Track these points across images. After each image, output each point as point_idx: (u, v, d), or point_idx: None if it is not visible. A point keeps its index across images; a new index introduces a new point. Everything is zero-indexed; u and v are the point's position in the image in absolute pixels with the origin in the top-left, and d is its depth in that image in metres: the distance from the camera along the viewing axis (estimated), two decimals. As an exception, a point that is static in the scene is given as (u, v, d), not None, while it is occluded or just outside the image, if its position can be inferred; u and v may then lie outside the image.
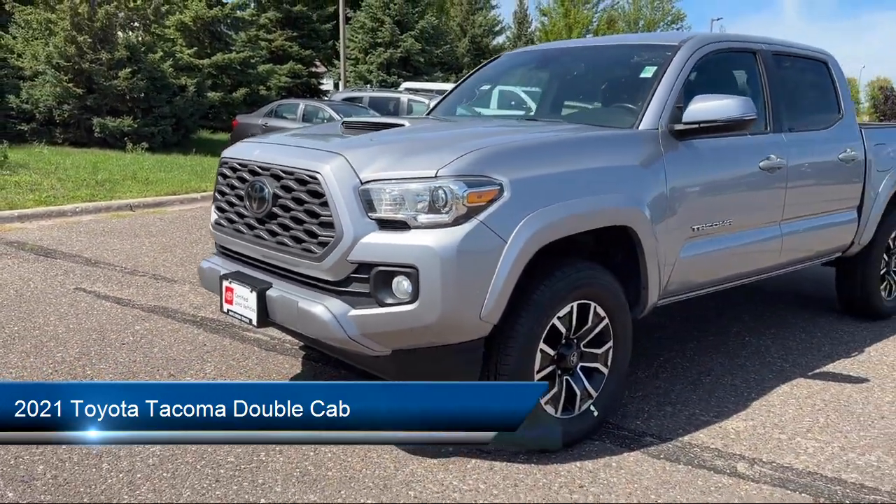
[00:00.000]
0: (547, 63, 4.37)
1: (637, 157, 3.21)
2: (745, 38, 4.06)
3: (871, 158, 4.64)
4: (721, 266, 3.69)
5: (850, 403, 3.64)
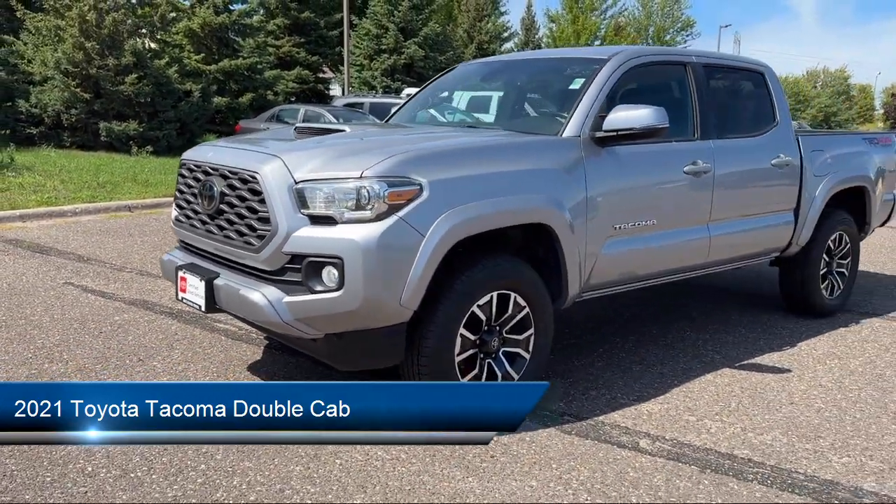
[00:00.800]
0: (493, 74, 4.70)
1: (558, 162, 3.52)
2: (675, 52, 4.37)
3: (806, 164, 4.92)
4: (644, 262, 3.98)
5: (766, 391, 3.92)
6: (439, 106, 4.64)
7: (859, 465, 3.09)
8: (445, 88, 4.80)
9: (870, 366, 4.34)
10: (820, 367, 4.32)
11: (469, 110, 4.48)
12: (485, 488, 2.81)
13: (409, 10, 25.20)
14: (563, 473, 2.94)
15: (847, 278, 5.50)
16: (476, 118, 4.34)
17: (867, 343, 4.80)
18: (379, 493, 2.75)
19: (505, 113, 4.34)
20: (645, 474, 2.96)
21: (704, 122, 4.27)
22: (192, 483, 2.78)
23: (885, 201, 5.89)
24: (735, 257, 4.64)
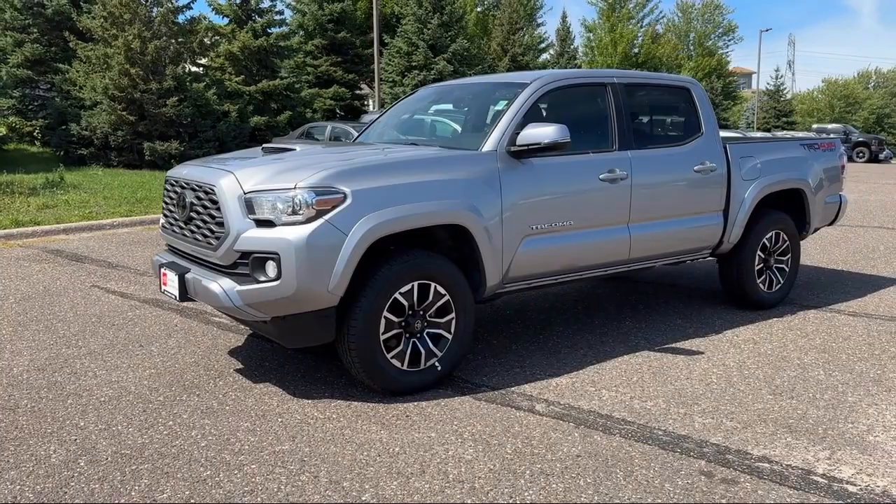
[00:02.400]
0: (442, 97, 5.38)
1: (475, 172, 4.17)
2: (595, 74, 4.98)
3: (734, 169, 5.46)
4: (563, 258, 4.59)
5: (671, 369, 4.48)
6: (395, 125, 5.33)
7: (717, 425, 3.64)
8: (403, 110, 5.50)
9: (780, 350, 4.85)
10: (733, 350, 4.85)
11: (417, 129, 5.16)
12: (391, 437, 3.48)
13: (438, 27, 26.05)
14: (460, 428, 3.59)
15: (787, 274, 5.97)
16: (420, 136, 5.02)
17: (790, 331, 5.29)
18: (305, 441, 3.44)
19: (445, 131, 5.01)
20: (528, 429, 3.58)
21: (622, 134, 4.86)
22: (159, 434, 3.52)
23: (829, 203, 6.35)
24: (661, 254, 5.20)
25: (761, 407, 3.88)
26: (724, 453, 3.33)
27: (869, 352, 4.80)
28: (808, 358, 4.67)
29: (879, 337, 5.13)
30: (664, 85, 5.41)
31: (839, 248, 8.95)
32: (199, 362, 4.54)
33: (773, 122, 51.44)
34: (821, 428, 3.61)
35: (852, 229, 10.56)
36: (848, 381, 4.27)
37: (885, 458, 3.27)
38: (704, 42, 57.41)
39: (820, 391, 4.10)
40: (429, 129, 5.08)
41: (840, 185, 6.47)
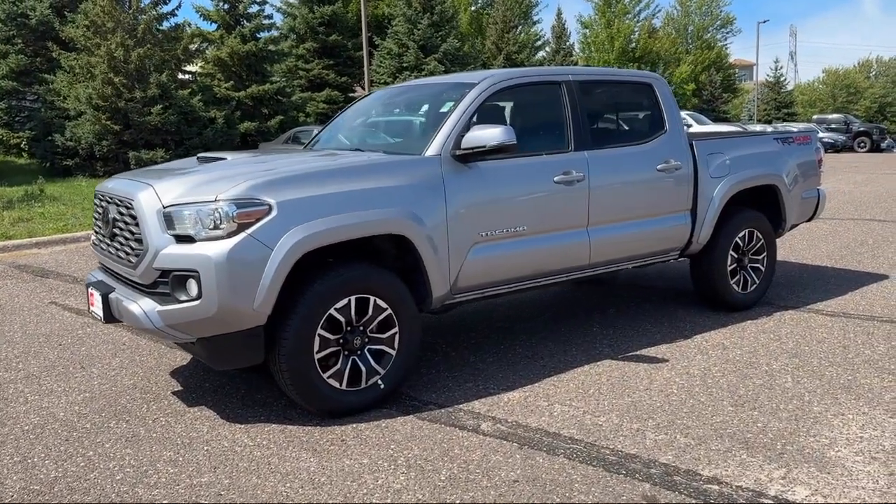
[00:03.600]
0: (392, 99, 5.17)
1: (417, 178, 3.96)
2: (549, 72, 4.76)
3: (701, 167, 5.23)
4: (516, 266, 4.37)
5: (631, 379, 4.26)
6: (344, 131, 5.12)
7: (669, 441, 3.42)
8: (354, 114, 5.29)
9: (749, 355, 4.62)
10: (699, 357, 4.62)
11: (365, 134, 4.95)
12: (320, 466, 3.27)
13: (429, 27, 25.84)
14: (395, 452, 3.38)
15: (763, 273, 5.74)
16: (367, 141, 4.81)
17: (763, 334, 5.06)
18: (226, 472, 3.23)
19: (390, 135, 4.80)
20: (467, 452, 3.36)
21: (579, 134, 4.64)
22: (76, 466, 3.31)
23: (806, 198, 6.11)
24: (626, 258, 4.98)
25: (720, 420, 3.65)
26: (672, 474, 3.11)
27: (842, 355, 4.57)
28: (778, 364, 4.45)
29: (855, 339, 4.90)
30: (624, 81, 5.19)
31: (826, 242, 8.71)
32: (138, 384, 4.35)
33: (774, 113, 51.07)
34: (780, 443, 3.38)
35: (842, 222, 10.32)
36: (816, 388, 4.04)
37: (843, 477, 3.05)
38: (703, 35, 57.00)
39: (784, 400, 3.88)
40: (376, 134, 4.87)
41: (818, 179, 6.24)
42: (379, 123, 5.02)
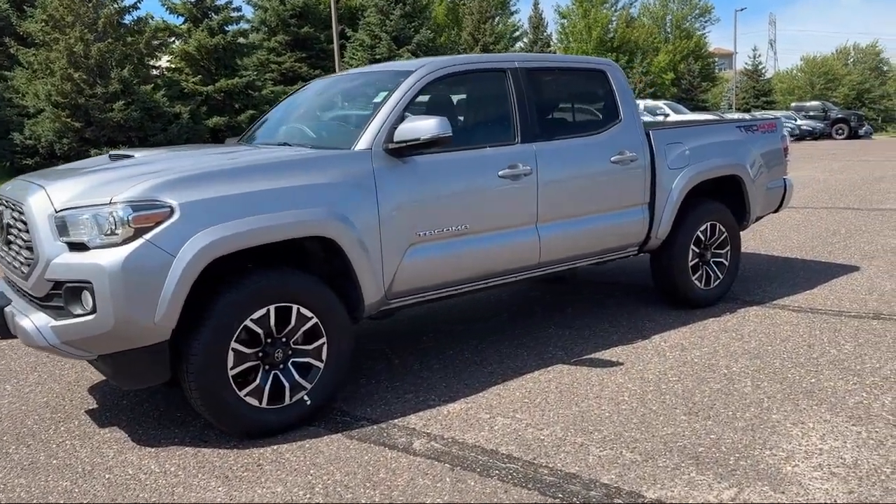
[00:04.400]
0: (328, 90, 4.84)
1: (345, 175, 3.65)
2: (494, 59, 4.45)
3: (659, 158, 4.96)
4: (459, 267, 4.07)
5: (582, 385, 3.98)
6: (276, 124, 4.79)
7: (614, 458, 3.14)
8: (289, 106, 4.96)
9: (709, 357, 4.36)
10: (656, 359, 4.35)
11: (296, 127, 4.62)
12: (229, 496, 2.96)
13: (401, 18, 25.45)
14: (315, 478, 3.07)
15: (727, 268, 5.49)
16: (297, 135, 4.48)
17: (725, 333, 4.80)
18: (128, 500, 2.92)
19: (322, 128, 4.48)
20: (394, 475, 3.07)
21: (526, 125, 4.34)
22: (-43, 500, 2.98)
23: (772, 188, 5.86)
24: (579, 255, 4.70)
25: (671, 432, 3.38)
26: (612, 497, 2.83)
27: (807, 355, 4.31)
28: (738, 366, 4.19)
29: (821, 336, 4.65)
30: (576, 68, 4.90)
31: (798, 232, 8.49)
32: (51, 403, 4.01)
33: (753, 102, 51.13)
34: (733, 457, 3.11)
35: (816, 211, 10.12)
36: (776, 393, 3.78)
37: (799, 497, 2.78)
38: (681, 24, 56.88)
39: (742, 408, 3.61)
40: (308, 128, 4.54)
41: (784, 168, 5.99)
42: (312, 116, 4.70)
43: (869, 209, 10.18)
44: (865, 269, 6.48)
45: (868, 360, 4.19)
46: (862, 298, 5.49)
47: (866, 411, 3.51)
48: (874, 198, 11.35)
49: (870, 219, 9.27)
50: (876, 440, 3.21)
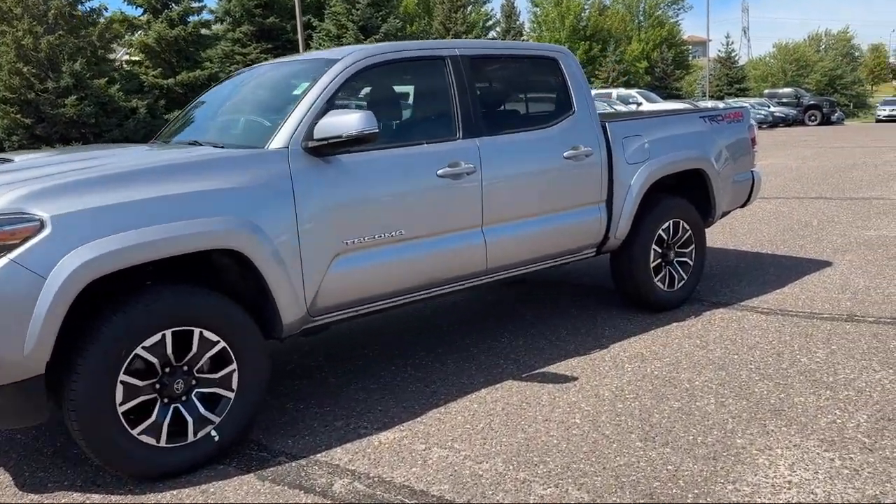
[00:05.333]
0: (250, 81, 4.40)
1: (256, 178, 3.22)
2: (432, 46, 4.03)
3: (616, 152, 4.58)
4: (394, 277, 3.67)
5: (532, 407, 3.60)
6: (191, 120, 4.34)
7: (559, 497, 2.77)
8: (209, 100, 4.51)
9: (670, 369, 4.00)
10: (613, 372, 3.99)
11: (210, 123, 4.18)
12: (109, 556, 2.54)
13: (368, 7, 24.89)
14: (213, 530, 2.66)
15: (691, 268, 5.14)
16: (211, 131, 4.04)
17: (689, 340, 4.45)
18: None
19: (237, 124, 4.05)
20: (304, 526, 2.67)
21: (468, 119, 3.95)
22: None
23: (739, 181, 5.52)
24: (531, 259, 4.32)
25: (624, 462, 3.01)
26: (553, 550, 2.45)
27: (775, 366, 3.97)
28: (701, 379, 3.83)
29: (791, 343, 4.31)
30: (524, 56, 4.50)
31: (769, 224, 8.19)
32: (-66, 438, 3.55)
33: (727, 89, 51.12)
34: (691, 494, 2.75)
35: (787, 202, 9.84)
36: (742, 412, 3.43)
37: (764, 545, 2.43)
38: (654, 12, 56.70)
39: (704, 430, 3.25)
40: (225, 124, 4.11)
41: (751, 160, 5.65)
42: (229, 111, 4.25)
43: (841, 198, 9.92)
44: (838, 264, 6.17)
45: (841, 371, 3.85)
46: (835, 298, 5.17)
47: (840, 433, 3.17)
48: (847, 186, 11.11)
49: (842, 209, 9.00)
50: (851, 469, 2.86)
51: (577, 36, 46.97)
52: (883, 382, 3.67)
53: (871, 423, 3.23)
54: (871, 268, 5.96)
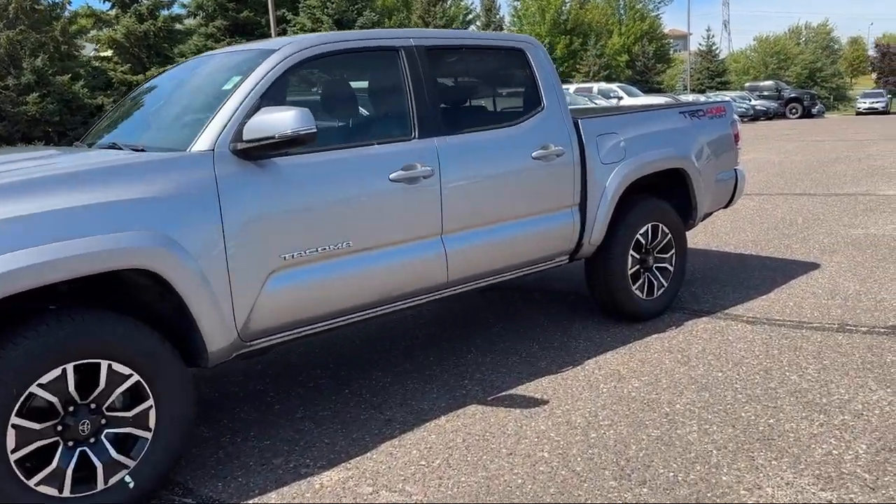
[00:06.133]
0: (175, 78, 3.98)
1: (174, 186, 2.82)
2: (382, 36, 3.64)
3: (590, 151, 4.22)
4: (344, 293, 3.29)
5: (496, 437, 3.23)
6: (119, 118, 3.92)
7: (520, 555, 2.40)
8: (139, 97, 4.09)
9: (648, 389, 3.65)
10: (587, 393, 3.63)
11: (137, 122, 3.77)
12: None
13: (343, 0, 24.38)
14: None
15: (672, 274, 4.79)
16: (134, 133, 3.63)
17: (669, 355, 4.11)
18: None
19: (161, 124, 3.63)
20: None
21: (425, 117, 3.56)
22: None
23: (722, 181, 5.18)
24: (498, 269, 3.95)
25: (596, 507, 2.65)
26: None
27: (763, 385, 3.63)
28: (682, 402, 3.48)
29: (780, 357, 3.97)
30: (488, 47, 4.11)
31: (752, 223, 7.87)
32: None
33: (708, 82, 51.05)
34: (672, 548, 2.39)
35: (771, 198, 9.55)
36: (727, 441, 3.07)
37: None
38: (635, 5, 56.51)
39: (685, 465, 2.90)
40: (148, 124, 3.70)
41: (735, 157, 5.31)
42: (157, 109, 3.84)
43: (826, 194, 9.64)
44: (826, 266, 5.86)
45: (835, 390, 3.52)
46: (824, 304, 4.84)
47: (837, 467, 2.82)
48: (831, 181, 10.84)
49: (827, 205, 8.72)
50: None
51: (558, 30, 46.67)
52: (881, 404, 3.34)
53: (871, 455, 2.89)
54: (860, 270, 5.65)
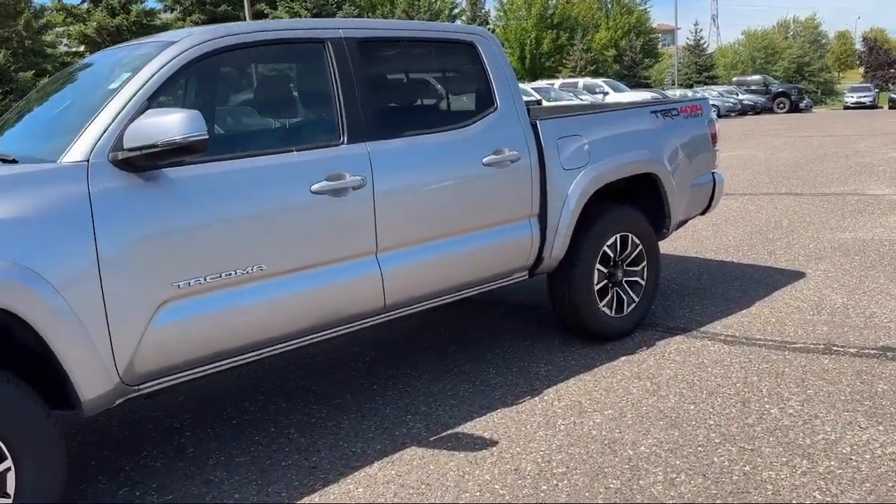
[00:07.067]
0: (71, 76, 3.50)
1: (38, 205, 2.38)
2: (303, 26, 3.18)
3: (549, 156, 3.79)
4: (255, 325, 2.85)
5: (433, 489, 2.80)
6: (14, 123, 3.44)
7: None
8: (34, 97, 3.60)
9: (611, 426, 3.23)
10: (542, 431, 3.20)
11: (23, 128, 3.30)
12: None
13: (322, -7, 23.90)
14: None
15: (644, 288, 4.37)
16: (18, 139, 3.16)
17: (638, 382, 3.69)
18: None
19: (40, 130, 3.17)
20: None
21: (356, 119, 3.12)
22: None
23: (698, 185, 4.76)
24: (445, 290, 3.52)
25: (537, 588, 2.22)
26: None
27: (740, 421, 3.21)
28: (648, 442, 3.06)
29: (759, 386, 3.56)
30: (432, 39, 3.67)
31: (735, 226, 7.47)
32: None
33: (696, 77, 50.74)
34: None
35: (755, 198, 9.15)
36: (696, 494, 2.66)
37: None
38: (623, -1, 56.10)
39: (647, 529, 2.47)
40: (28, 130, 3.23)
41: (712, 160, 4.89)
42: (42, 112, 3.37)
43: (812, 194, 9.26)
44: (812, 275, 5.45)
45: (820, 428, 3.10)
46: (809, 321, 4.43)
47: (822, 531, 2.40)
48: (818, 180, 10.46)
49: (814, 206, 8.33)
50: None
51: (545, 24, 46.23)
52: (872, 446, 2.92)
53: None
54: (848, 280, 5.25)
